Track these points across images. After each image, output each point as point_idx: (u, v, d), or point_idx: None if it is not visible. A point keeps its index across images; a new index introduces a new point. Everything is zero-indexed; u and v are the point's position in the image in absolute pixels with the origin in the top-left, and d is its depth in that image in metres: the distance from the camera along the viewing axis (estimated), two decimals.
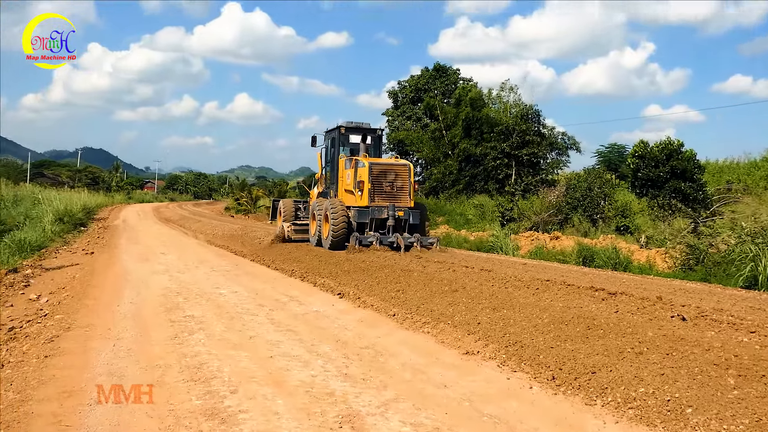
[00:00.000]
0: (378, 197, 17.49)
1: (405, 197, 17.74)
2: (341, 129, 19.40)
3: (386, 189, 17.62)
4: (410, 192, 17.84)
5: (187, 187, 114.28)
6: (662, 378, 5.87)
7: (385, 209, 17.34)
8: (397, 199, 17.61)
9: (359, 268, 13.53)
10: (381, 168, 17.67)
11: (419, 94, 41.38)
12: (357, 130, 19.50)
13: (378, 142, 19.93)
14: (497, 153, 31.91)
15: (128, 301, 10.29)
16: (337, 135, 19.56)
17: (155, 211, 46.76)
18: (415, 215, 17.74)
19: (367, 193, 17.35)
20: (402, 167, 17.96)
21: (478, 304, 9.17)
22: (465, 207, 29.49)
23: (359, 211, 17.39)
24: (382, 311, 9.71)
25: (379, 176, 17.55)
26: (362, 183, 17.48)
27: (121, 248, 19.21)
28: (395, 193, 17.67)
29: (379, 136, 19.96)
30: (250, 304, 10.40)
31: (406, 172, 17.88)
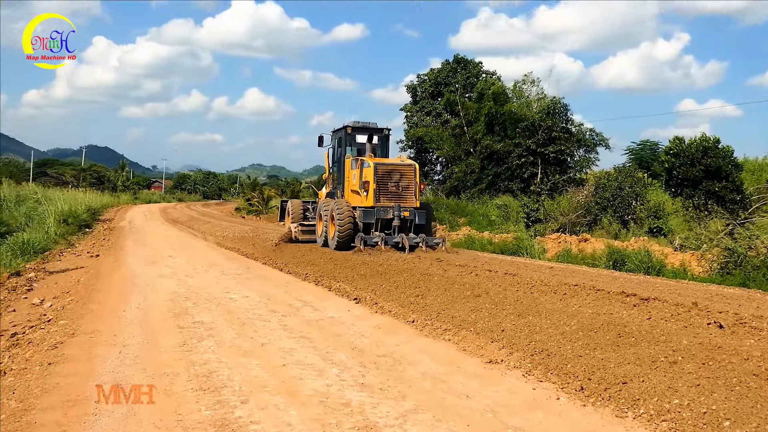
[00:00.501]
0: (383, 197, 18.25)
1: (410, 197, 18.46)
2: (348, 129, 20.22)
3: (391, 189, 18.38)
4: (416, 192, 18.57)
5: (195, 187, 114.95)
6: (698, 389, 5.82)
7: (390, 209, 18.06)
8: (402, 200, 18.35)
9: (376, 272, 13.54)
10: (386, 168, 18.40)
11: (439, 88, 41.35)
12: (363, 130, 20.27)
13: (385, 141, 20.69)
14: (522, 150, 31.79)
15: (135, 306, 10.35)
16: (343, 135, 20.42)
17: (162, 212, 47.03)
18: (421, 215, 18.41)
19: (373, 194, 18.11)
20: (407, 167, 18.64)
21: (502, 310, 9.15)
22: (488, 207, 29.42)
23: (364, 211, 18.15)
24: (400, 317, 9.71)
25: (384, 176, 18.29)
26: (367, 183, 18.21)
27: (127, 251, 19.33)
28: (401, 194, 18.41)
29: (387, 135, 20.71)
30: (262, 309, 10.43)
31: (412, 172, 18.59)
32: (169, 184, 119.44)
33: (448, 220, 27.24)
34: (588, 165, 33.67)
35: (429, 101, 41.56)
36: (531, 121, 31.75)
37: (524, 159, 31.86)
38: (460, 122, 36.37)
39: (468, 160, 34.61)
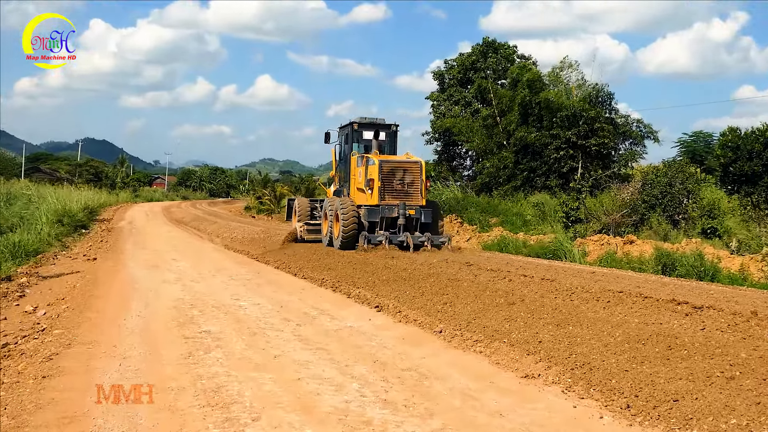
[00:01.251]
0: (388, 195, 19.25)
1: (416, 195, 19.47)
2: (354, 125, 21.10)
3: (397, 187, 19.38)
4: (422, 190, 19.56)
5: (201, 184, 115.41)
6: (758, 407, 5.77)
7: (395, 208, 19.03)
8: (408, 198, 19.34)
9: (400, 277, 13.54)
10: (391, 165, 19.43)
11: (469, 75, 41.29)
12: (370, 126, 21.07)
13: (393, 138, 21.61)
14: (560, 143, 31.65)
15: (136, 315, 10.42)
16: (350, 131, 21.37)
17: (165, 211, 47.32)
18: (427, 214, 19.42)
19: (377, 192, 19.09)
20: (413, 164, 19.72)
21: (539, 320, 9.12)
22: (523, 206, 29.31)
23: (369, 209, 19.10)
24: (426, 327, 9.70)
25: (389, 174, 19.31)
26: (372, 181, 19.16)
27: (127, 254, 19.48)
28: (406, 191, 19.42)
29: (394, 131, 21.66)
30: (275, 318, 10.47)
31: (418, 170, 19.64)
32: (172, 180, 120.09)
33: (479, 220, 27.17)
34: (634, 159, 33.49)
35: (458, 89, 41.52)
36: (571, 111, 31.59)
37: (563, 152, 31.71)
38: (492, 112, 36.26)
39: (501, 154, 34.51)
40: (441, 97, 42.24)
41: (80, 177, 78.01)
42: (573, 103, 32.08)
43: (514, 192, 32.47)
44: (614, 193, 27.17)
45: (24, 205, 25.49)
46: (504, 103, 35.47)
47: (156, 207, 55.01)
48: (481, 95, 38.82)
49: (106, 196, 55.54)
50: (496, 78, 40.61)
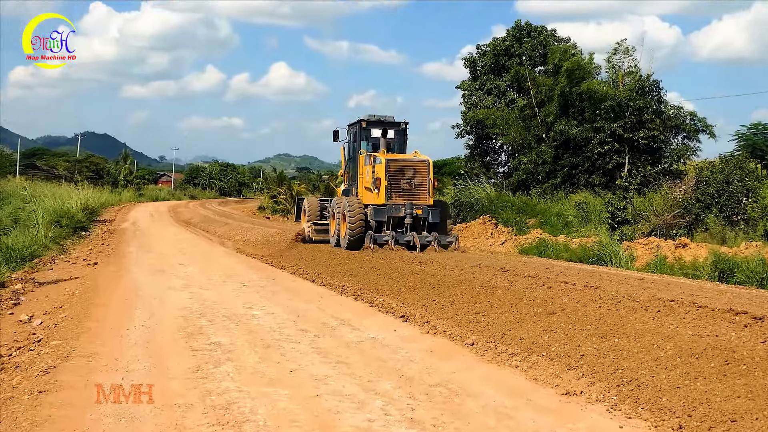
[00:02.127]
0: (395, 195, 20.49)
1: (424, 194, 20.71)
2: (363, 123, 22.38)
3: (404, 186, 20.60)
4: (429, 189, 20.82)
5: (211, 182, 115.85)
6: None
7: (402, 207, 20.27)
8: (415, 197, 20.59)
9: (428, 283, 13.54)
10: (398, 164, 20.67)
11: (503, 61, 41.11)
12: (379, 124, 22.37)
13: (402, 136, 22.90)
14: (605, 136, 31.46)
15: (139, 324, 10.49)
16: (358, 129, 22.68)
17: (172, 211, 47.61)
18: (435, 213, 20.66)
19: (384, 191, 20.36)
20: (421, 163, 20.93)
21: (581, 331, 9.08)
22: (563, 206, 29.19)
23: (376, 209, 20.38)
24: (457, 339, 9.70)
25: (396, 173, 20.54)
26: (379, 180, 20.48)
27: (130, 258, 19.61)
28: (413, 191, 20.66)
29: (403, 129, 22.90)
30: (291, 328, 10.50)
31: (425, 169, 20.85)
32: (179, 178, 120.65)
33: (515, 221, 27.09)
34: (687, 154, 33.20)
35: (491, 77, 41.35)
36: (617, 101, 31.38)
37: (608, 146, 31.50)
38: (529, 102, 36.10)
39: (539, 149, 34.35)
40: (473, 86, 42.07)
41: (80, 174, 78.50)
42: (619, 93, 31.87)
43: (554, 190, 32.31)
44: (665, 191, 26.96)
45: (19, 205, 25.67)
46: (543, 93, 35.25)
47: (162, 207, 55.36)
48: (517, 84, 38.69)
49: (108, 195, 55.91)
50: (534, 65, 40.42)
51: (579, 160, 32.52)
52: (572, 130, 32.41)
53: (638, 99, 31.25)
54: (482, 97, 41.12)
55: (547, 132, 34.46)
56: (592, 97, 32.16)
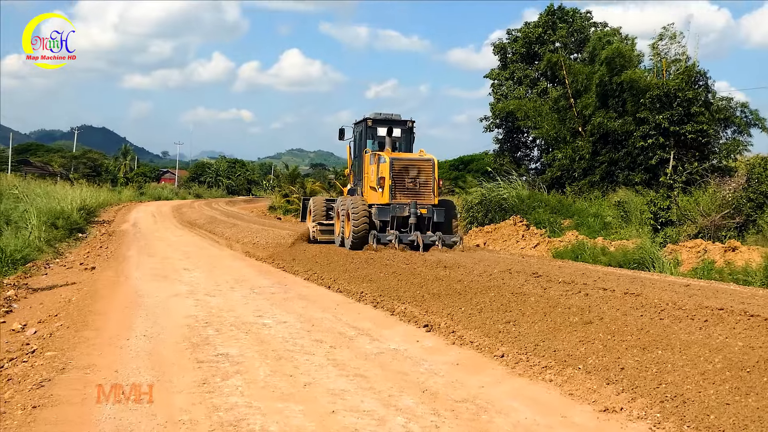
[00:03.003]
0: (399, 194, 21.81)
1: (428, 194, 22.04)
2: (368, 121, 23.87)
3: (408, 185, 21.94)
4: (434, 188, 22.18)
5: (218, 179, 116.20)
6: None
7: (406, 207, 21.51)
8: (419, 196, 21.89)
9: (453, 290, 13.53)
10: (402, 163, 22.02)
11: (535, 48, 40.99)
12: (385, 122, 23.86)
13: (408, 135, 24.36)
14: (648, 129, 31.22)
15: (141, 334, 10.54)
16: (364, 128, 24.15)
17: (176, 212, 47.79)
18: (440, 213, 22.00)
19: (388, 190, 21.66)
20: (425, 162, 22.29)
21: (621, 342, 9.06)
22: (602, 205, 29.05)
23: (380, 208, 21.72)
24: (485, 350, 9.69)
25: (400, 172, 21.90)
26: (383, 179, 21.78)
27: (131, 262, 19.71)
28: (418, 190, 21.99)
29: (410, 128, 24.36)
30: (305, 339, 10.53)
31: (430, 168, 22.21)
32: (183, 175, 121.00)
33: (549, 221, 27.04)
34: (737, 149, 32.95)
35: (522, 65, 41.25)
36: (663, 90, 31.14)
37: (651, 140, 31.24)
38: (564, 92, 36.00)
39: (575, 143, 34.23)
40: (502, 74, 42.02)
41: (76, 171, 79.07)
42: (665, 82, 31.62)
43: (592, 188, 32.18)
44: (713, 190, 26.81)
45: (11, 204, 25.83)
46: (579, 82, 35.10)
47: (164, 207, 55.55)
48: (551, 72, 38.51)
49: (107, 193, 56.24)
50: (569, 52, 40.26)
51: (619, 156, 32.30)
52: (612, 123, 32.20)
53: (687, 89, 30.99)
54: (513, 87, 41.06)
55: (584, 125, 34.32)
56: (633, 87, 31.89)
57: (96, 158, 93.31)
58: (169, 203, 63.46)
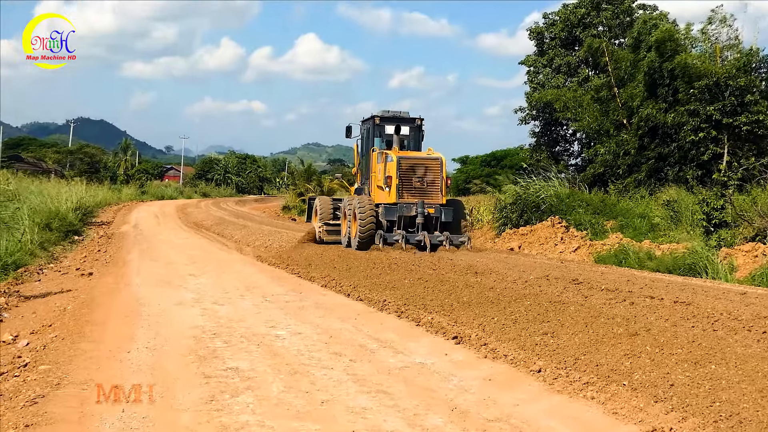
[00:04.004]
0: (407, 193, 23.39)
1: (436, 193, 23.66)
2: (376, 119, 25.62)
3: (416, 184, 23.52)
4: (442, 187, 23.76)
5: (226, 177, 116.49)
6: None
7: (413, 206, 23.11)
8: (427, 196, 23.50)
9: (485, 298, 13.51)
10: (410, 162, 23.59)
11: (576, 32, 40.85)
12: (393, 120, 25.43)
13: (417, 133, 26.08)
14: (700, 121, 31.04)
15: (143, 346, 10.58)
16: (371, 126, 25.96)
17: (181, 212, 47.96)
18: (448, 212, 23.52)
19: (395, 189, 23.18)
20: (433, 161, 23.95)
21: (671, 356, 9.02)
22: (649, 205, 28.90)
23: (387, 208, 23.22)
24: (520, 365, 9.67)
25: (408, 171, 23.45)
26: (390, 179, 23.27)
27: (131, 267, 19.79)
28: (425, 189, 23.58)
29: (418, 126, 26.05)
30: (322, 351, 10.54)
31: (438, 167, 23.85)
32: (189, 172, 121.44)
33: (590, 223, 26.91)
34: None
35: (561, 51, 41.10)
36: (713, 79, 30.96)
37: (703, 134, 31.05)
38: (607, 81, 35.83)
39: (619, 137, 34.04)
40: (539, 62, 41.88)
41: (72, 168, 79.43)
42: (716, 70, 31.41)
43: (638, 187, 31.97)
44: None
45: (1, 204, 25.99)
46: (624, 70, 34.94)
47: (168, 206, 55.76)
48: (592, 59, 38.36)
49: (105, 192, 56.48)
50: (613, 37, 40.08)
51: (668, 151, 32.01)
52: (660, 115, 31.86)
53: (740, 77, 30.77)
54: (551, 75, 40.91)
55: (630, 117, 34.12)
56: (686, 74, 31.60)
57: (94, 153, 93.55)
58: (173, 203, 63.71)
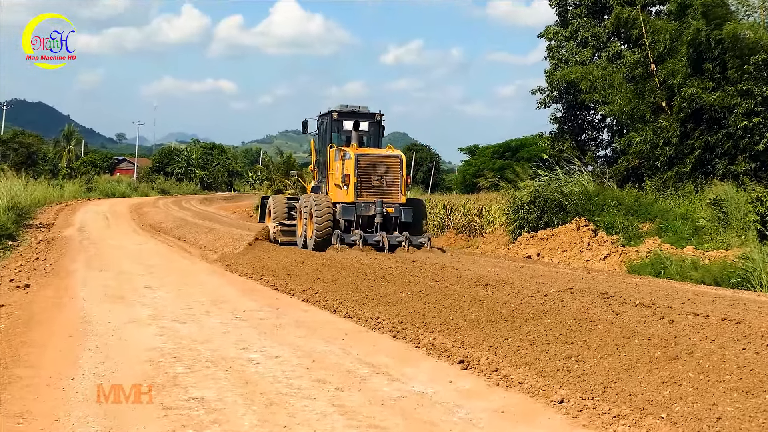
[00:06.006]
0: (365, 192, 25.79)
1: (396, 192, 26.15)
2: (334, 114, 27.98)
3: (374, 183, 25.90)
4: (402, 186, 26.19)
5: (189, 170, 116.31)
6: None
7: (372, 206, 25.45)
8: (386, 195, 25.95)
9: (497, 315, 13.49)
10: (368, 160, 25.99)
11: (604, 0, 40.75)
12: (352, 115, 27.90)
13: (376, 128, 28.93)
14: (754, 104, 30.91)
15: (89, 372, 10.56)
16: (329, 121, 28.45)
17: (135, 212, 47.93)
18: (407, 212, 26.04)
19: (353, 188, 25.54)
20: (393, 159, 26.48)
21: (718, 384, 9.03)
22: (692, 204, 28.86)
23: (345, 207, 25.67)
24: (539, 394, 9.69)
25: (366, 169, 25.81)
26: (348, 177, 25.59)
27: (76, 278, 19.77)
28: (385, 188, 25.99)
29: (378, 121, 28.82)
30: (303, 378, 10.55)
31: (398, 165, 26.34)
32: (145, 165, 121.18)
33: (622, 226, 26.83)
34: None
35: (587, 21, 40.99)
36: None
37: (758, 119, 30.93)
38: (643, 56, 35.76)
39: (657, 123, 33.79)
40: (562, 33, 41.71)
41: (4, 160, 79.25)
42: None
43: (679, 182, 31.80)
44: None
45: None
46: (663, 43, 34.63)
47: (120, 205, 55.73)
48: (625, 31, 38.31)
49: (45, 188, 56.36)
50: (649, 3, 39.96)
51: (716, 139, 31.67)
52: (707, 95, 31.48)
53: None
54: (575, 49, 40.76)
55: (670, 99, 33.90)
56: (737, 47, 31.34)
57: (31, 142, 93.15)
58: (126, 201, 63.70)
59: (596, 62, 39.12)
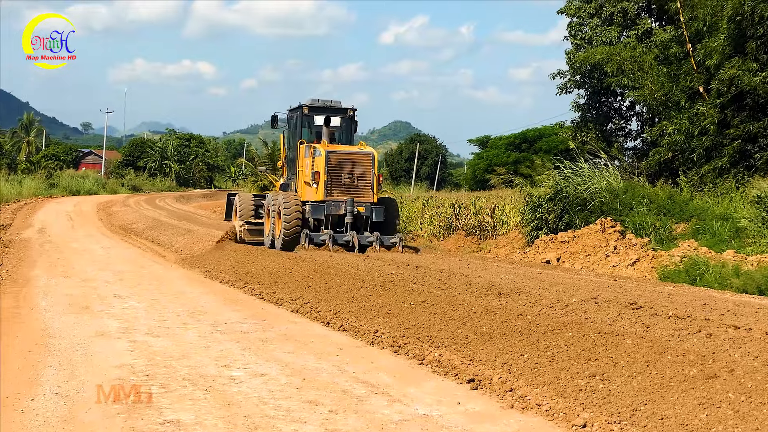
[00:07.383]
0: (336, 191, 27.62)
1: (367, 191, 28.01)
2: (304, 108, 29.97)
3: (345, 181, 27.75)
4: (373, 185, 28.06)
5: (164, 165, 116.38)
6: None
7: (342, 204, 27.31)
8: (357, 193, 27.84)
9: (511, 327, 13.48)
10: (339, 157, 27.85)
11: None
12: (323, 110, 29.96)
13: (348, 124, 31.02)
14: None
15: (52, 392, 10.54)
16: (299, 116, 30.53)
17: (103, 212, 47.94)
18: (379, 212, 27.90)
19: (323, 186, 27.29)
20: (364, 156, 28.42)
21: (761, 405, 9.01)
22: (733, 203, 28.82)
23: (314, 206, 27.48)
24: (559, 417, 9.70)
25: (336, 167, 27.65)
26: (318, 174, 27.35)
27: (36, 285, 19.77)
28: (356, 186, 27.86)
29: (350, 117, 30.86)
30: (292, 399, 10.54)
31: (369, 162, 28.24)
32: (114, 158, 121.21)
33: (653, 227, 26.78)
34: None
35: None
36: None
37: None
38: (678, 35, 35.72)
39: (693, 110, 33.77)
40: (585, 9, 41.70)
41: None
42: None
43: (719, 177, 31.75)
44: None
45: None
46: (701, 19, 34.51)
47: (86, 204, 55.73)
48: (657, 6, 38.26)
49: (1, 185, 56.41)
50: None
51: (758, 128, 31.59)
52: (749, 77, 31.15)
53: None
54: (600, 27, 40.74)
55: (708, 82, 33.77)
56: None
57: None
58: (92, 199, 63.68)
59: (624, 41, 39.13)
